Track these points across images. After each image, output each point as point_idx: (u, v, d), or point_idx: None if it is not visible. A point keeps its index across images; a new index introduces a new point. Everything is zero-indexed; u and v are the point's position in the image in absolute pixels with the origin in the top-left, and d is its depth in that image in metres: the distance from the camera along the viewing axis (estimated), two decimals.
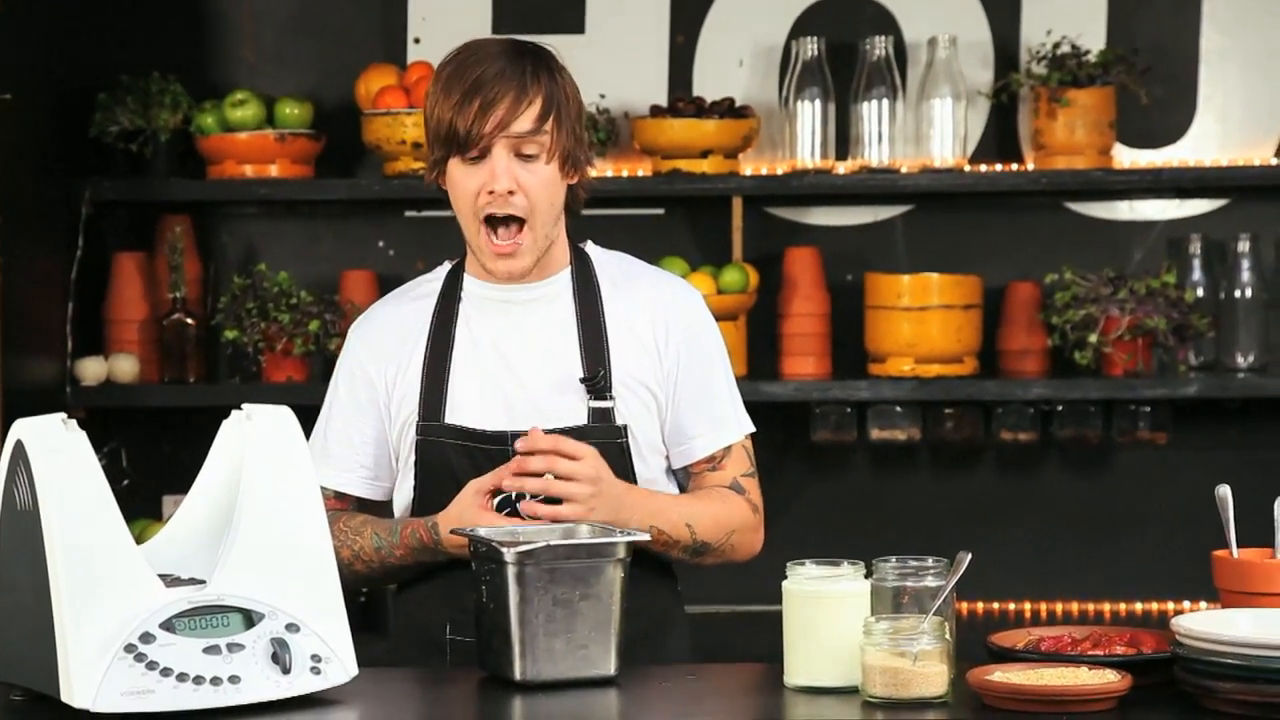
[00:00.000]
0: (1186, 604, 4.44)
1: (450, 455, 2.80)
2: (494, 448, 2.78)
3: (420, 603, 2.86)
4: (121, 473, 4.53)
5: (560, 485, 2.68)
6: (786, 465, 4.55)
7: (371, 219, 4.66)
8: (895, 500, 4.60)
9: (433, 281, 2.91)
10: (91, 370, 4.45)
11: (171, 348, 4.50)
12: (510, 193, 2.74)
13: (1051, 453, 4.58)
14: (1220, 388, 4.39)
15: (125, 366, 4.47)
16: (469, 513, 2.71)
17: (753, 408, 2.93)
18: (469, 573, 2.62)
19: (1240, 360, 4.44)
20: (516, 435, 2.77)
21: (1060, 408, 4.46)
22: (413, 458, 2.83)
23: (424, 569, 2.83)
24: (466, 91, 2.73)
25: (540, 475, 2.69)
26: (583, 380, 2.79)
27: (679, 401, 2.84)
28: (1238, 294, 4.44)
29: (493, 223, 2.77)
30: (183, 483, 2.58)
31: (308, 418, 2.79)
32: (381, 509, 2.91)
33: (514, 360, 2.82)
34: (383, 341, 2.87)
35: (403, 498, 2.87)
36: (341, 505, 2.88)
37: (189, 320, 4.50)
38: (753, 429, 2.90)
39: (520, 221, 2.77)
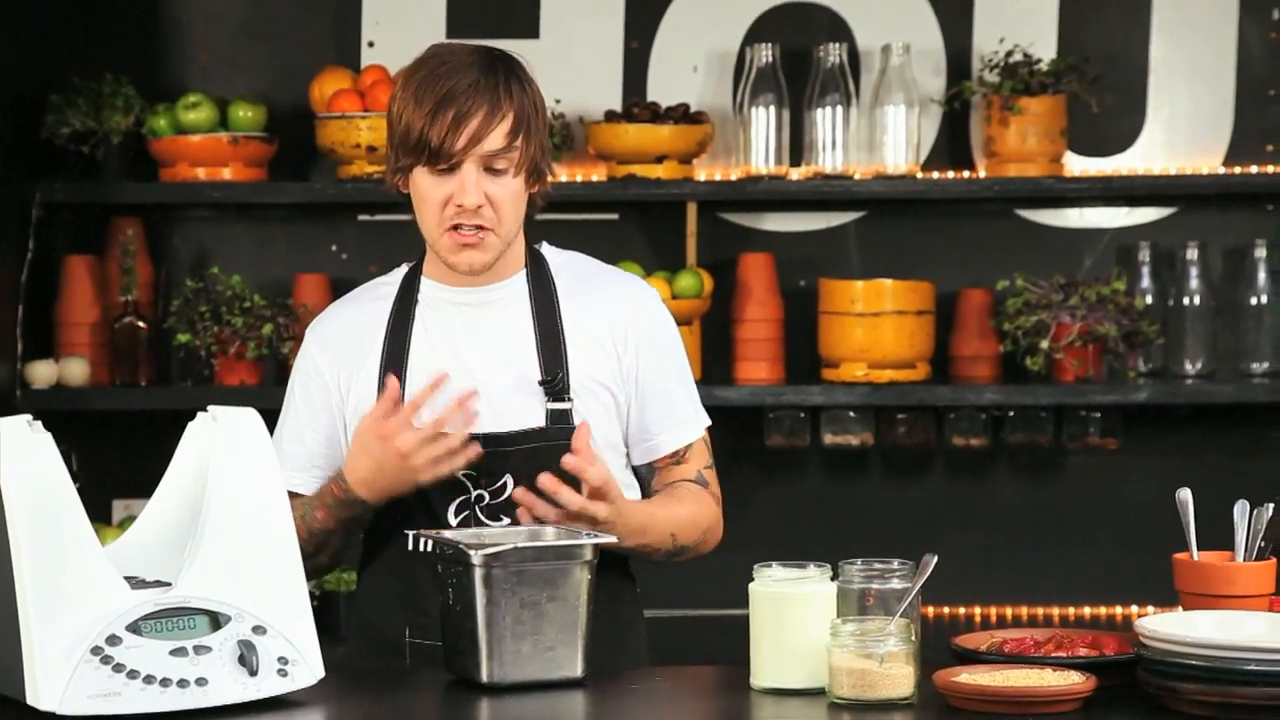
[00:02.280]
0: (1135, 608, 4.48)
1: None
2: None
3: (376, 606, 2.86)
4: (72, 476, 4.46)
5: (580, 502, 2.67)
6: (740, 470, 4.56)
7: (325, 222, 4.65)
8: (848, 505, 4.62)
9: (389, 284, 2.91)
10: (42, 373, 4.42)
11: (123, 351, 4.48)
12: (478, 207, 2.74)
13: (1003, 458, 4.61)
14: (1169, 394, 4.42)
15: (76, 370, 4.45)
16: (370, 445, 2.70)
17: (706, 412, 2.95)
18: (426, 575, 2.62)
19: (1189, 367, 4.49)
20: (475, 437, 2.77)
21: (1011, 413, 4.49)
22: None
23: (372, 575, 2.81)
24: (439, 102, 2.72)
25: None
26: (541, 383, 2.80)
27: (641, 401, 2.86)
28: (1186, 301, 4.49)
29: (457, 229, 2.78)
30: (134, 486, 2.58)
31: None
32: None
33: (471, 362, 2.82)
34: (338, 343, 2.87)
35: None
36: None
37: (140, 323, 4.48)
38: (709, 422, 2.94)
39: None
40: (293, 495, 2.84)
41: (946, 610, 4.54)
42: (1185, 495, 2.63)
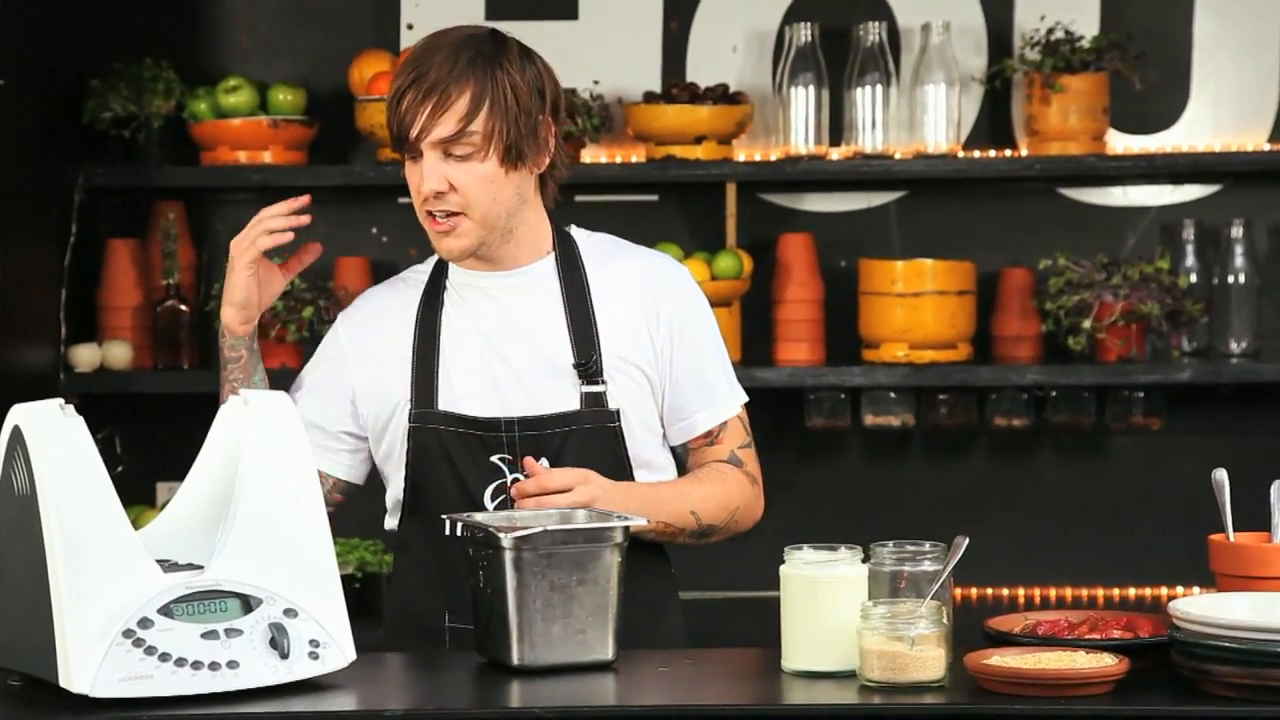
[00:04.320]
0: (1180, 589, 4.45)
1: (445, 441, 2.80)
2: (488, 434, 2.78)
3: (414, 591, 2.86)
4: (115, 459, 4.53)
5: (559, 500, 2.69)
6: (780, 451, 4.55)
7: (365, 205, 4.66)
8: (889, 486, 4.61)
9: (421, 272, 2.91)
10: (85, 357, 4.44)
11: (165, 334, 4.50)
12: (441, 193, 2.74)
13: (1045, 439, 4.59)
14: (1214, 373, 4.39)
15: (119, 353, 4.47)
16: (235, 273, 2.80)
17: (747, 394, 2.94)
18: (465, 561, 2.62)
19: (1233, 346, 4.45)
20: (510, 422, 2.77)
21: (1054, 394, 4.46)
22: (405, 445, 2.82)
23: (412, 561, 2.82)
24: (397, 94, 2.74)
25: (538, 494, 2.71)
26: (574, 366, 2.79)
27: (675, 380, 2.85)
28: (1231, 280, 4.45)
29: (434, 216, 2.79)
30: (177, 469, 2.58)
31: None
32: (345, 490, 2.90)
33: (501, 347, 2.82)
34: (369, 331, 2.87)
35: (395, 487, 2.86)
36: None
37: (183, 307, 4.50)
38: (746, 399, 2.92)
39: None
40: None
41: (990, 592, 4.52)
42: (1221, 476, 2.61)
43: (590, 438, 2.79)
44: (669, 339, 2.84)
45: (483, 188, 2.74)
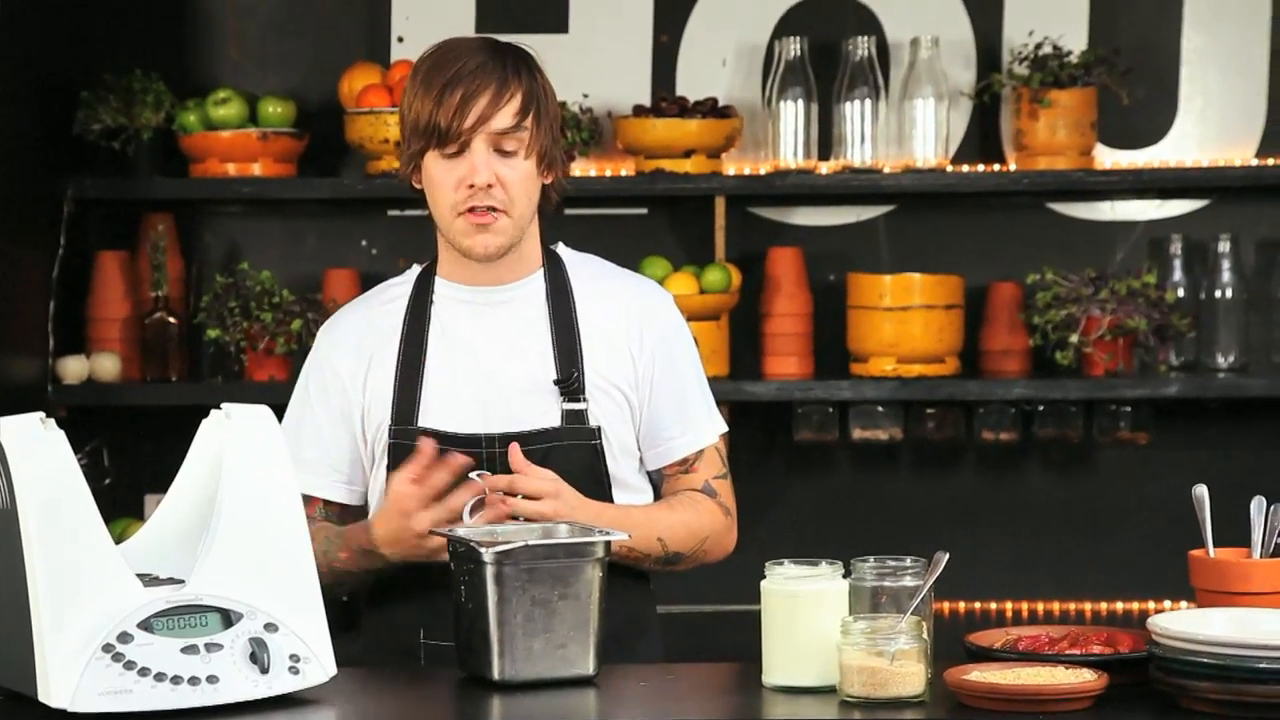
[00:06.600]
0: (1167, 604, 4.45)
1: None
2: (468, 450, 2.76)
3: (393, 607, 2.85)
4: (103, 472, 4.52)
5: (524, 506, 2.69)
6: (768, 465, 4.55)
7: (354, 218, 4.66)
8: (877, 500, 4.61)
9: (402, 284, 2.90)
10: (73, 369, 4.44)
11: (154, 346, 4.50)
12: (489, 186, 2.74)
13: (1033, 453, 4.59)
14: (1201, 388, 4.40)
15: (107, 365, 4.47)
16: (394, 512, 2.70)
17: (735, 407, 2.94)
18: (442, 576, 2.62)
19: (1220, 360, 4.46)
20: (490, 438, 2.77)
21: (1041, 408, 4.46)
22: (385, 461, 2.82)
23: (388, 577, 2.81)
24: (446, 84, 2.73)
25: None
26: (556, 382, 2.80)
27: (654, 405, 2.85)
28: (1218, 294, 4.46)
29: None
30: (165, 482, 2.59)
31: None
32: (359, 514, 2.90)
33: (487, 362, 2.82)
34: (353, 346, 2.86)
35: (375, 501, 2.86)
36: (309, 512, 2.84)
37: (171, 319, 4.50)
38: (725, 429, 2.91)
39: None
40: (311, 502, 2.84)
41: (977, 606, 4.52)
42: (1201, 491, 2.61)
43: (570, 454, 2.79)
44: (650, 363, 2.84)
45: (523, 187, 2.76)
